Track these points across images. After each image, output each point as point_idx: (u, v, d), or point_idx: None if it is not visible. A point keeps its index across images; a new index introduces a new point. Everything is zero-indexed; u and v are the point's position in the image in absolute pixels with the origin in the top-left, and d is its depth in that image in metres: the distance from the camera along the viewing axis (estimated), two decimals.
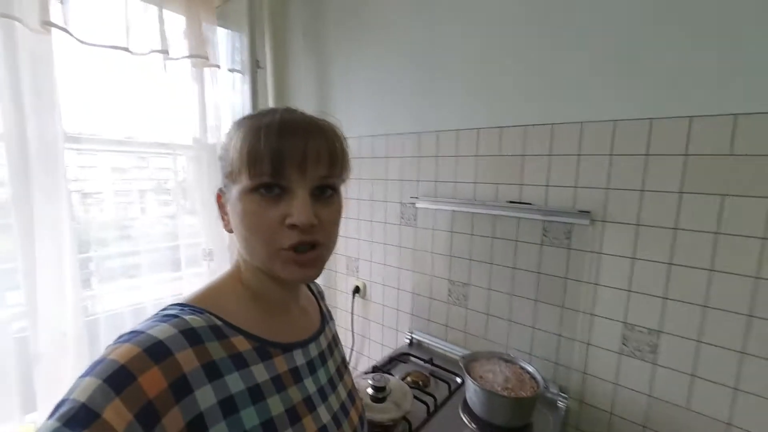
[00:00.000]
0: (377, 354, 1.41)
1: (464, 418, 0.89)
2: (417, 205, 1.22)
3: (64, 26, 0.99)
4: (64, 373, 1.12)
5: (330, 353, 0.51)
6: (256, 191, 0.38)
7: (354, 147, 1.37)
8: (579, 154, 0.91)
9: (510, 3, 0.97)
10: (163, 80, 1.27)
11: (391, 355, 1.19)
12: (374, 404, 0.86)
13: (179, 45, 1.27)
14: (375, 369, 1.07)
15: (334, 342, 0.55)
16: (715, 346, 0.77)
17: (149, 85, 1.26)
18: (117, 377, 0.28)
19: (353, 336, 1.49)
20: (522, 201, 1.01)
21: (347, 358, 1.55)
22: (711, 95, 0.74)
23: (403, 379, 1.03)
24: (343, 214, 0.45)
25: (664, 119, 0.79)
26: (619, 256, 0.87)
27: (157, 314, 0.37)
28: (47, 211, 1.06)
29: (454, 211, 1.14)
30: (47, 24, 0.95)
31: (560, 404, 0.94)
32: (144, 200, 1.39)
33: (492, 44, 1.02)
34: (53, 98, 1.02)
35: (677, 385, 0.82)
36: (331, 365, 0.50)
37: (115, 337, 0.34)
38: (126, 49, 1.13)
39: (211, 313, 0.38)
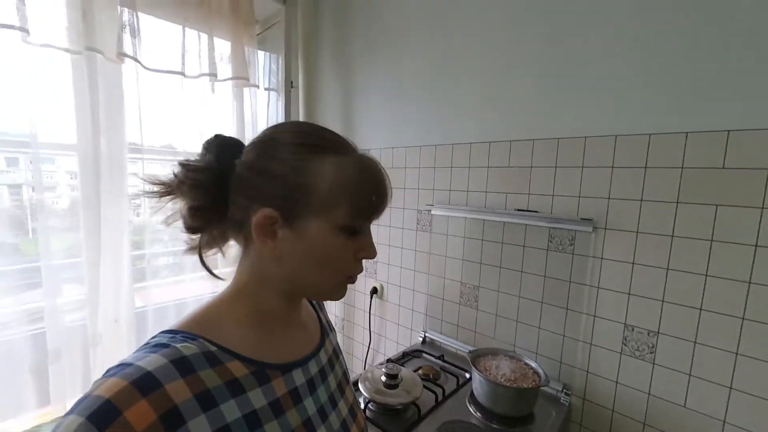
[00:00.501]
0: (392, 351, 1.49)
1: (470, 408, 0.96)
2: (432, 212, 1.32)
3: (135, 56, 1.18)
4: (117, 355, 1.28)
5: (331, 368, 0.50)
6: (346, 229, 0.40)
7: (375, 157, 1.50)
8: (582, 166, 0.98)
9: (520, 25, 1.07)
10: (209, 98, 1.45)
11: (404, 351, 1.28)
12: (387, 390, 0.95)
13: (224, 68, 1.45)
14: (389, 361, 1.16)
15: (335, 355, 0.54)
16: (711, 347, 0.81)
17: (197, 102, 1.43)
18: (101, 413, 0.27)
19: (371, 334, 1.59)
20: (529, 209, 1.08)
21: (365, 357, 1.61)
22: (706, 112, 0.80)
23: (415, 371, 1.11)
24: None
25: (662, 134, 0.86)
26: (620, 261, 0.93)
27: (147, 343, 0.35)
28: (111, 212, 1.23)
29: (466, 218, 1.23)
30: (122, 54, 1.14)
31: (563, 401, 0.99)
32: None
33: (502, 65, 1.11)
34: (122, 116, 1.21)
35: (675, 384, 0.86)
36: (332, 381, 0.49)
37: (160, 324, 0.40)
38: (182, 74, 1.31)
39: (205, 339, 0.37)
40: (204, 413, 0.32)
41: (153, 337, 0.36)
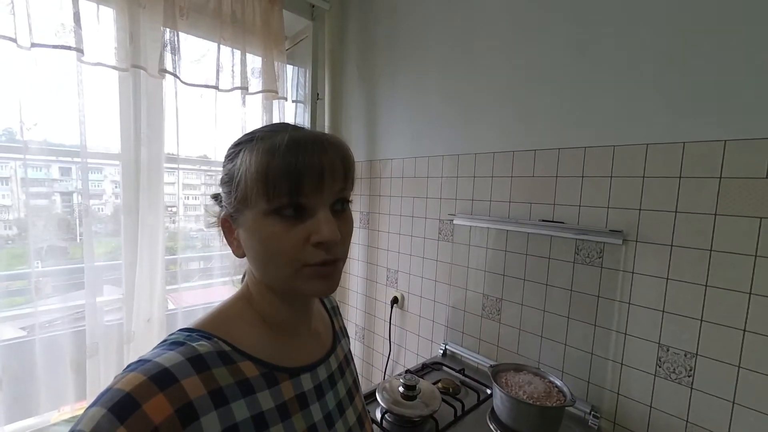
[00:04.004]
0: (412, 363, 1.47)
1: (491, 425, 0.93)
2: (454, 222, 1.31)
3: (174, 72, 1.26)
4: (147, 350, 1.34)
5: (341, 374, 0.50)
6: (276, 213, 0.38)
7: (397, 168, 1.52)
8: (611, 176, 0.94)
9: (544, 33, 1.06)
10: (240, 110, 1.52)
11: (424, 363, 1.25)
12: (404, 401, 0.93)
13: (255, 82, 1.53)
14: (407, 372, 1.15)
15: (346, 361, 0.53)
16: (758, 372, 0.74)
17: (229, 114, 1.50)
18: (121, 405, 0.29)
19: (390, 345, 1.57)
20: (555, 220, 1.05)
21: (384, 367, 1.59)
22: (746, 119, 0.75)
23: (434, 384, 1.09)
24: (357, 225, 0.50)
25: (698, 143, 0.81)
26: (653, 276, 0.88)
27: (164, 341, 0.37)
28: (149, 219, 1.31)
29: (489, 228, 1.21)
30: (163, 71, 1.23)
31: (591, 423, 0.93)
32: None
33: (526, 73, 1.10)
34: (161, 127, 1.29)
35: (717, 412, 0.79)
36: (341, 387, 0.49)
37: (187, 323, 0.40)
38: (216, 87, 1.39)
39: (219, 338, 0.38)
40: (215, 410, 0.33)
41: (171, 335, 0.38)
